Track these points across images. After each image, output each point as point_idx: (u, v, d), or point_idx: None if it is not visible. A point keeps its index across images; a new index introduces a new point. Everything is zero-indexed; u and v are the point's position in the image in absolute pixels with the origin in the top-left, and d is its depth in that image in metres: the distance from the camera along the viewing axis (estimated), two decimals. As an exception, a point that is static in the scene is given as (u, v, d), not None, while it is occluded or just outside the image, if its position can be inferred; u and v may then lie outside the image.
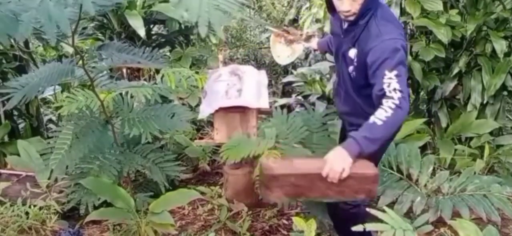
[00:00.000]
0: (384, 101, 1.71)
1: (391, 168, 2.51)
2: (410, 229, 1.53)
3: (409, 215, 2.30)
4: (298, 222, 1.79)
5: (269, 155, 2.11)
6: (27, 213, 2.37)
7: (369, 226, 1.47)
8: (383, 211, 1.55)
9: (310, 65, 3.99)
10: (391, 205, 2.29)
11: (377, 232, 1.64)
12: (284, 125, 2.47)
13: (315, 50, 2.61)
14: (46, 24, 1.20)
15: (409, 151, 2.59)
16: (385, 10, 1.92)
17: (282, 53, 2.53)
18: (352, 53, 1.87)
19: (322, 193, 1.67)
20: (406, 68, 1.81)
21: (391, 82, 1.71)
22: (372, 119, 1.70)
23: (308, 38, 2.56)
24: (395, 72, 1.71)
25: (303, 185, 1.66)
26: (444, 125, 3.06)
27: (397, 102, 1.69)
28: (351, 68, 1.90)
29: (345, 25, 1.90)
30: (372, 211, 1.54)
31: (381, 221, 1.52)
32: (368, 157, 1.74)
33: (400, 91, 1.70)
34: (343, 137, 2.15)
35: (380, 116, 1.69)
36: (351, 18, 1.83)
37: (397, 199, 2.37)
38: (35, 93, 2.06)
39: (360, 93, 1.93)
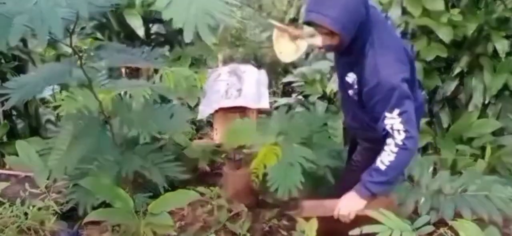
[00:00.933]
0: (388, 141, 1.66)
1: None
2: (409, 230, 1.52)
3: (412, 216, 2.28)
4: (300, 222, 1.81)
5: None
6: (26, 214, 2.36)
7: (367, 228, 1.46)
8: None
9: (310, 64, 3.97)
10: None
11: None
12: (286, 123, 2.46)
13: (320, 48, 2.53)
14: (38, 26, 1.18)
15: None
16: (383, 32, 1.69)
17: (286, 49, 2.39)
18: (351, 78, 1.76)
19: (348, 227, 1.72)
20: (411, 99, 1.66)
21: (393, 123, 1.63)
22: (377, 162, 1.68)
23: (311, 36, 2.49)
24: (397, 111, 1.61)
25: (329, 223, 1.80)
26: (445, 125, 3.04)
27: (400, 143, 1.63)
28: (351, 92, 1.81)
29: None
30: (368, 212, 1.54)
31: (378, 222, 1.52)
32: None
33: (405, 131, 1.62)
34: (355, 144, 2.13)
35: (384, 160, 1.67)
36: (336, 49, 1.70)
37: (402, 202, 2.35)
38: (33, 93, 2.05)
39: (365, 111, 1.85)
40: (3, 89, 2.07)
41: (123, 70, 3.45)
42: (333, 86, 3.12)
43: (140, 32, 3.18)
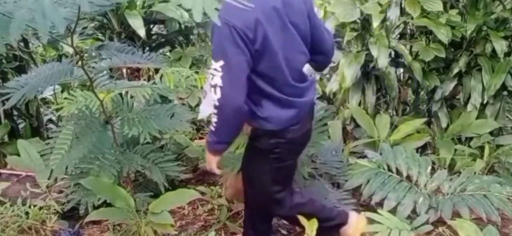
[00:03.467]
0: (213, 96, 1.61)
1: (390, 171, 2.50)
2: (407, 229, 1.53)
3: (410, 216, 2.29)
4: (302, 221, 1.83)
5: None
6: (27, 213, 2.37)
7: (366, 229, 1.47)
8: (376, 212, 1.56)
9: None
10: (394, 207, 2.30)
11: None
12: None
13: None
14: (40, 22, 1.18)
15: (406, 152, 2.58)
16: None
17: None
18: None
19: None
20: (241, 53, 1.53)
21: (214, 75, 1.55)
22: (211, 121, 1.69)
23: None
24: (220, 63, 1.53)
25: None
26: (444, 125, 3.05)
27: (217, 103, 1.59)
28: None
29: None
30: (367, 214, 1.55)
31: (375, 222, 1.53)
32: None
33: (221, 87, 1.54)
34: None
35: (213, 119, 1.66)
36: None
37: (400, 201, 2.36)
38: (34, 93, 2.06)
39: None
40: (4, 89, 2.08)
41: (124, 70, 3.46)
42: (332, 86, 3.14)
43: (141, 32, 3.18)
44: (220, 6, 1.20)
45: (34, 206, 2.41)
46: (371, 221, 1.93)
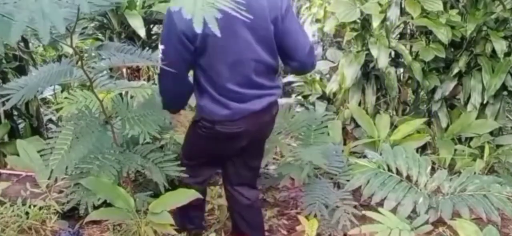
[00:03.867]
0: None
1: (390, 171, 2.50)
2: (407, 229, 1.53)
3: (410, 216, 2.29)
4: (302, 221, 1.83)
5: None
6: (27, 213, 2.37)
7: (365, 228, 1.48)
8: (377, 211, 1.56)
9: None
10: (394, 207, 2.29)
11: None
12: (286, 121, 2.49)
13: None
14: (40, 23, 1.18)
15: (406, 152, 2.58)
16: None
17: None
18: None
19: None
20: (181, 43, 1.67)
21: (160, 53, 1.73)
22: None
23: None
24: (162, 47, 1.70)
25: None
26: (444, 125, 3.06)
27: (157, 77, 1.85)
28: None
29: None
30: (368, 213, 1.55)
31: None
32: None
33: (160, 69, 1.74)
34: None
35: None
36: None
37: (400, 202, 2.36)
38: (33, 93, 2.05)
39: None
40: (4, 89, 2.08)
41: (124, 70, 3.46)
42: (332, 86, 3.14)
43: (141, 32, 3.18)
44: (219, 16, 1.20)
45: (34, 206, 2.41)
46: (371, 220, 1.94)
